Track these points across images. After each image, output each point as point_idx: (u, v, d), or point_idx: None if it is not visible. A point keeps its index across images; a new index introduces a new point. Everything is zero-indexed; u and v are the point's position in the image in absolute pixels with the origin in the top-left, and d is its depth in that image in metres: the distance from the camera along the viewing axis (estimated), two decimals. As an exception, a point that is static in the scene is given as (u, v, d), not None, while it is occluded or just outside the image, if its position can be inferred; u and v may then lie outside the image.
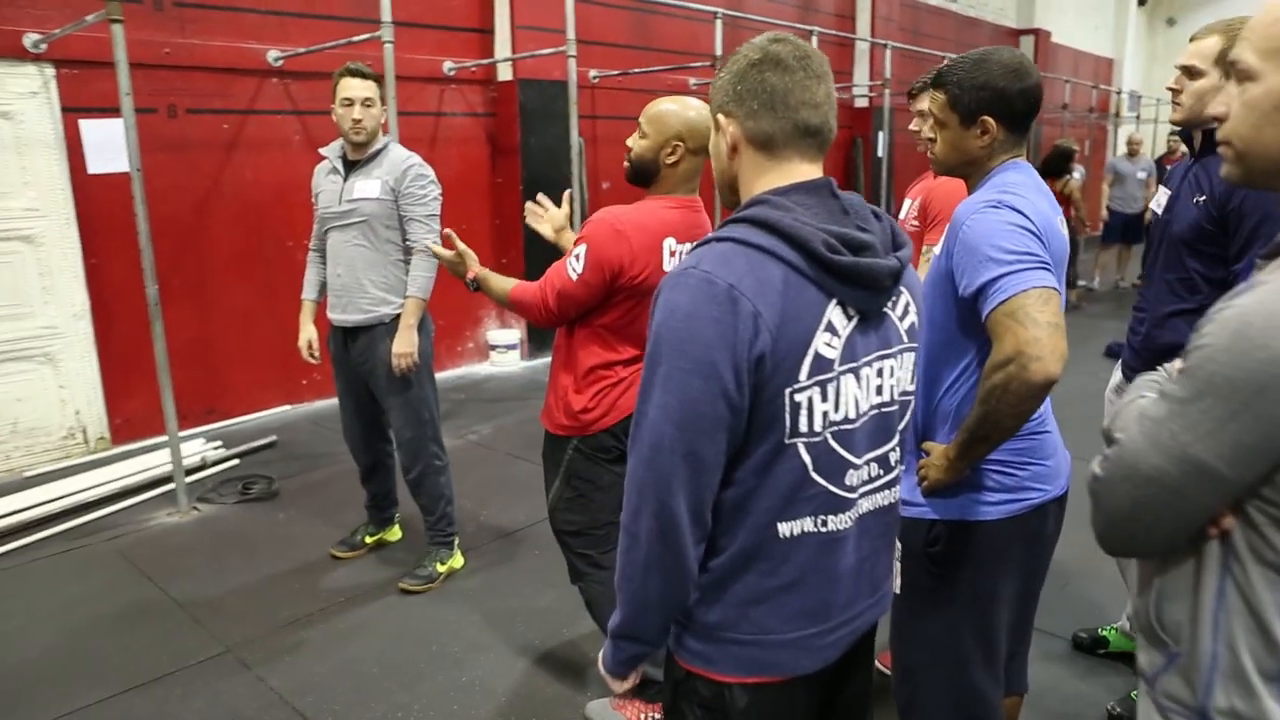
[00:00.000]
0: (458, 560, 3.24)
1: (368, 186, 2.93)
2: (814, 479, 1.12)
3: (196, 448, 4.38)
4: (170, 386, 3.72)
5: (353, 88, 2.89)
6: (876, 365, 1.16)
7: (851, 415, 1.13)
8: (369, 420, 3.23)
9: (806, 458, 1.10)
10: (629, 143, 2.08)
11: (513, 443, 4.71)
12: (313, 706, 2.44)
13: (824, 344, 1.08)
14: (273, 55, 4.99)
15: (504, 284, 2.22)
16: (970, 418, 1.50)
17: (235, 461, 4.42)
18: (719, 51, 6.02)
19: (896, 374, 1.20)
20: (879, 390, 1.17)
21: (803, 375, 1.07)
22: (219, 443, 4.52)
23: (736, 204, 1.23)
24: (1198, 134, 2.07)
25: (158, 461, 4.17)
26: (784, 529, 1.12)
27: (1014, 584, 1.65)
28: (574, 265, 2.02)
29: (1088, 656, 2.59)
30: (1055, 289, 1.44)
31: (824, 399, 1.10)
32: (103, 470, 4.08)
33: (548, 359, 7.12)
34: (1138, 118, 15.16)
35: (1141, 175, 8.89)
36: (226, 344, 5.05)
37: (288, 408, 5.35)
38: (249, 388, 5.17)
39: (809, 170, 1.16)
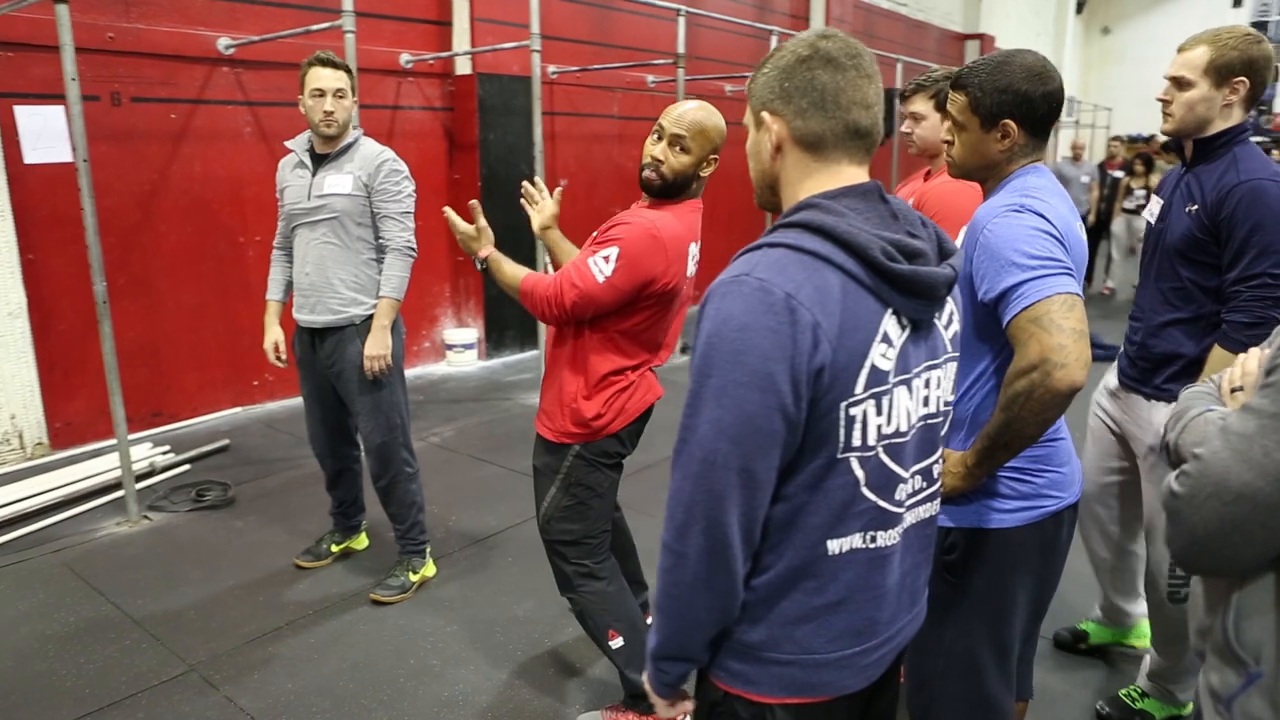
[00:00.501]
0: (430, 569, 3.13)
1: (339, 182, 2.81)
2: (865, 494, 1.08)
3: (144, 452, 4.16)
4: (119, 388, 3.51)
5: (324, 78, 2.76)
6: (925, 376, 1.13)
7: (903, 428, 1.10)
8: (335, 425, 3.11)
9: (859, 473, 1.07)
10: (659, 155, 1.97)
11: (476, 445, 4.60)
12: (287, 727, 2.32)
13: (880, 355, 1.05)
14: (223, 43, 4.78)
15: (516, 271, 2.11)
16: (991, 425, 1.49)
17: (186, 467, 4.21)
18: (681, 49, 5.98)
19: (942, 384, 1.17)
20: (926, 401, 1.14)
21: (859, 388, 1.03)
22: (167, 447, 4.32)
23: (776, 206, 1.19)
24: (1189, 143, 2.09)
25: (102, 467, 3.95)
26: (833, 546, 1.09)
27: (1028, 592, 1.64)
28: (601, 267, 1.91)
29: (1070, 656, 2.63)
30: (1079, 295, 1.44)
31: (878, 412, 1.06)
32: (43, 478, 3.85)
33: (505, 358, 6.98)
34: (1076, 122, 15.62)
35: (1085, 179, 9.14)
36: (173, 343, 4.82)
37: (238, 410, 5.14)
38: (197, 389, 4.96)
39: (857, 173, 1.13)
